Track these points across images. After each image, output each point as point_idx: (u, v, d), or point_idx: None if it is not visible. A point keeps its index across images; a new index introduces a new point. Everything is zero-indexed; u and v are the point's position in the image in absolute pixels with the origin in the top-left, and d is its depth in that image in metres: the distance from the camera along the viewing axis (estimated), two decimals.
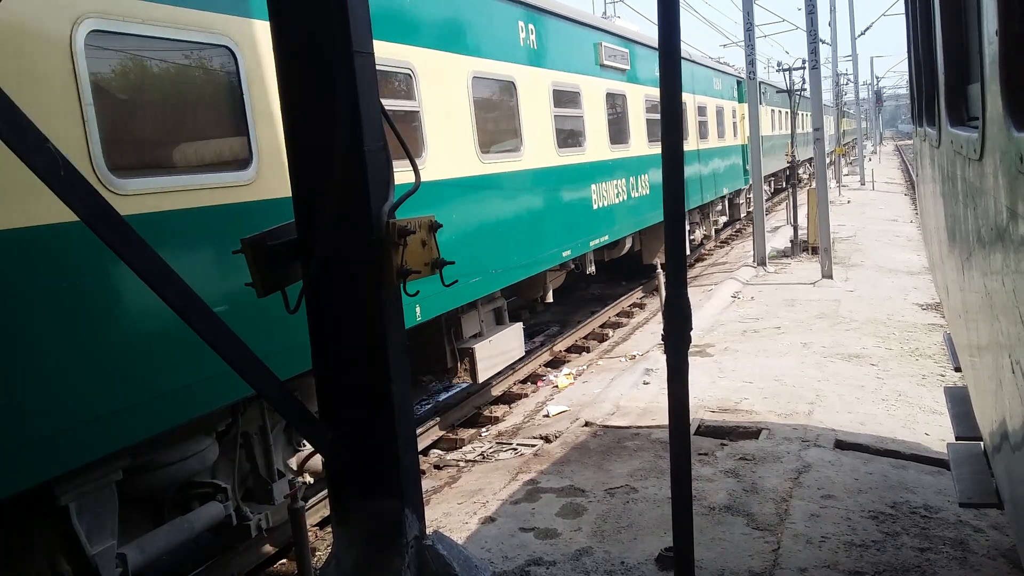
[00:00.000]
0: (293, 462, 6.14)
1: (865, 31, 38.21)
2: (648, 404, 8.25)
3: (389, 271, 3.41)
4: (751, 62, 16.78)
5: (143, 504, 5.02)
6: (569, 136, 10.68)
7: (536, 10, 9.85)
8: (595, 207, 11.36)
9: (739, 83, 22.00)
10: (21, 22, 3.81)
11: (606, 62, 12.08)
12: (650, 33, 15.29)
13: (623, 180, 12.43)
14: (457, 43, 7.98)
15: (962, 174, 2.93)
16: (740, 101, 21.85)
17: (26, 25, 3.83)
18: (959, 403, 4.54)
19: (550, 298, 11.20)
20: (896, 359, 9.51)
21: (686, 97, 16.41)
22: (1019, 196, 1.79)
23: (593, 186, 11.34)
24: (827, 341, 10.38)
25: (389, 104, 6.13)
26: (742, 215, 23.85)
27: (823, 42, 21.32)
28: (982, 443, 3.92)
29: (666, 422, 3.63)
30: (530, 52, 9.70)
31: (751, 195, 17.66)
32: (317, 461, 6.20)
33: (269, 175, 5.14)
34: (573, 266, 11.29)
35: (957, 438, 4.39)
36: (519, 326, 9.43)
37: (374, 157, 3.37)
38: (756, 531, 5.32)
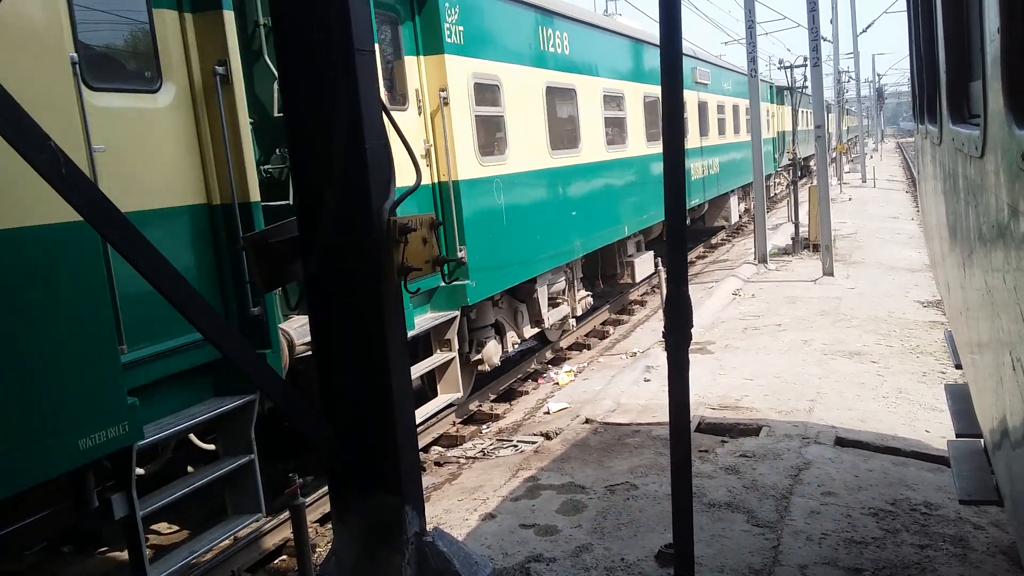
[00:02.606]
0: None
1: (867, 28, 38.16)
2: (648, 401, 8.26)
3: (390, 269, 3.41)
4: (753, 60, 16.75)
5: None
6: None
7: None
8: (692, 178, 16.90)
9: (770, 88, 28.13)
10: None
11: (698, 80, 17.77)
12: (708, 54, 21.19)
13: (702, 161, 17.98)
14: (640, 77, 13.88)
15: (963, 171, 2.93)
16: (770, 102, 27.85)
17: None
18: (960, 400, 4.54)
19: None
20: (897, 356, 9.52)
21: (739, 101, 21.99)
22: (1020, 193, 1.79)
23: (690, 163, 16.39)
24: (828, 338, 10.38)
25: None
26: (772, 194, 29.24)
27: (825, 39, 21.30)
28: (982, 440, 3.92)
29: (666, 419, 3.64)
30: (658, 77, 14.70)
31: (778, 179, 21.39)
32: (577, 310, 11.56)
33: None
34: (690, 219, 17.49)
35: (957, 435, 4.39)
36: (651, 252, 14.56)
37: (375, 155, 3.37)
38: (756, 528, 5.32)
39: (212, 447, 5.38)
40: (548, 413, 8.60)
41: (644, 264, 14.13)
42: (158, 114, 4.82)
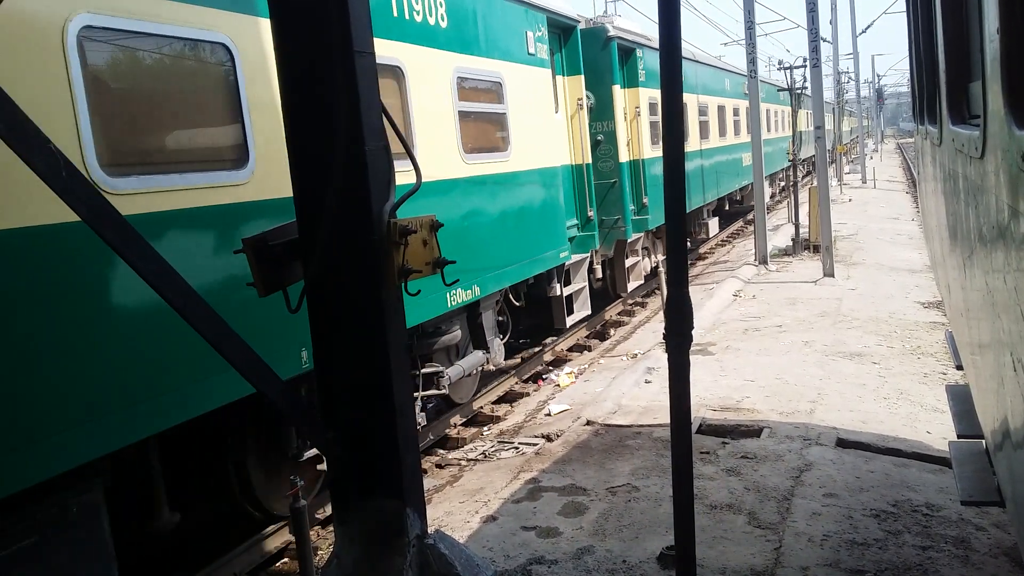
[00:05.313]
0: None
1: (866, 29, 38.16)
2: (649, 403, 8.25)
3: (390, 271, 3.41)
4: (752, 60, 16.74)
5: None
6: (735, 128, 22.57)
7: (731, 72, 23.02)
8: (744, 165, 22.63)
9: (790, 93, 31.56)
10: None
11: (745, 91, 22.32)
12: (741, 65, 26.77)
13: (740, 155, 23.06)
14: (706, 91, 19.78)
15: (963, 172, 2.93)
16: (789, 105, 32.81)
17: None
18: (961, 401, 4.54)
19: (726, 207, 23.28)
20: (898, 357, 9.51)
21: (770, 106, 27.61)
22: (1020, 194, 1.79)
23: (742, 154, 22.49)
24: (829, 339, 10.37)
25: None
26: (792, 181, 33.15)
27: (824, 40, 21.33)
28: (984, 441, 3.92)
29: (667, 421, 3.64)
30: (725, 91, 21.62)
31: (790, 172, 23.78)
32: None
33: None
34: (740, 196, 24.54)
35: (959, 436, 4.39)
36: (717, 218, 20.90)
37: (375, 157, 3.37)
38: (758, 529, 5.32)
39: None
40: (549, 415, 8.60)
41: (713, 225, 20.35)
42: (558, 124, 10.91)
